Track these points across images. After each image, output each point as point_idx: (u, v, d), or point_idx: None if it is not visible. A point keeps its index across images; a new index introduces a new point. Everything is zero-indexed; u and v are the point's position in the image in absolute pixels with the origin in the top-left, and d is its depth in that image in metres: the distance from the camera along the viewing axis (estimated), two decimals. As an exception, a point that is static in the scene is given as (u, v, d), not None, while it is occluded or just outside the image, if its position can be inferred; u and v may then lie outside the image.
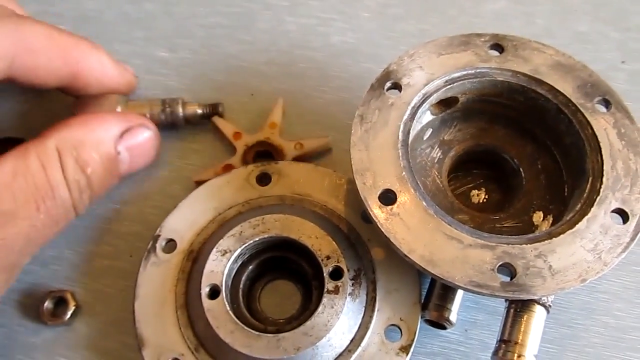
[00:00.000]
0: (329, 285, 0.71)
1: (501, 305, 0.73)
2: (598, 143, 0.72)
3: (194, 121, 0.89)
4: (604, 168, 0.71)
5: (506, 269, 0.65)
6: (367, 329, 0.72)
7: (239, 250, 0.74)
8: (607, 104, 0.75)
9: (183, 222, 0.79)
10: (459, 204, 0.78)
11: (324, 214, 0.78)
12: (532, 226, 0.76)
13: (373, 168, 0.70)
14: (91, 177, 0.72)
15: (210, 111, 0.90)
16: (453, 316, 0.72)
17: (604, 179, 0.70)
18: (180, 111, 0.87)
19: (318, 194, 0.79)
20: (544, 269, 0.65)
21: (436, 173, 0.80)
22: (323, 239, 0.74)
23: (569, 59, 0.78)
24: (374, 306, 0.73)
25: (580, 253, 0.66)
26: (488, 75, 0.77)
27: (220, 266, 0.73)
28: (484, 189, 0.83)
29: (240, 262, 0.76)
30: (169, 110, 0.86)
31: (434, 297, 0.73)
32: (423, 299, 0.74)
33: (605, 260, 0.66)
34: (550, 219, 0.75)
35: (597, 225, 0.67)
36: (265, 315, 0.78)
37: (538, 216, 0.76)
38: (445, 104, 0.80)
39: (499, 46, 0.78)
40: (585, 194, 0.70)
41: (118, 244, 0.84)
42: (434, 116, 0.81)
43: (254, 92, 0.94)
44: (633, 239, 0.67)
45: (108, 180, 0.76)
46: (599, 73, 0.77)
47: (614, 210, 0.68)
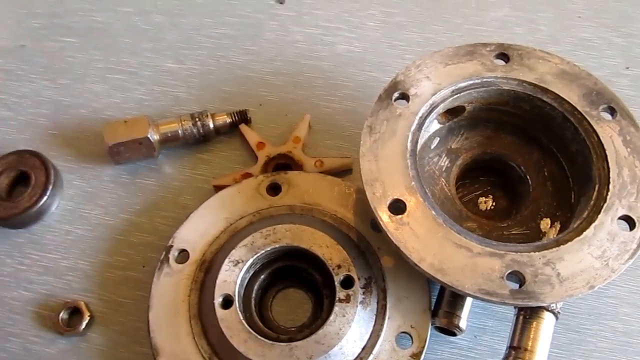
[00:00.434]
0: (341, 294, 0.72)
1: (510, 312, 0.74)
2: (604, 151, 0.73)
3: (223, 131, 0.91)
4: (610, 175, 0.72)
5: (515, 277, 0.66)
6: (379, 336, 0.73)
7: (251, 260, 0.75)
8: (613, 111, 0.76)
9: (195, 233, 0.80)
10: (467, 211, 0.79)
11: (333, 223, 0.79)
12: (540, 233, 0.77)
13: (382, 178, 0.71)
14: None
15: (238, 118, 0.91)
16: (463, 323, 0.73)
17: (611, 186, 0.71)
18: (211, 123, 0.89)
19: (327, 203, 0.80)
20: (552, 276, 0.66)
21: (444, 181, 0.81)
22: (333, 248, 0.75)
23: (573, 67, 0.79)
24: (384, 314, 0.74)
25: (588, 260, 0.67)
26: (494, 85, 0.78)
27: (232, 276, 0.74)
28: (491, 196, 0.84)
29: (252, 272, 0.77)
30: (200, 124, 0.88)
31: (443, 304, 0.74)
32: (433, 306, 0.75)
33: (613, 267, 0.67)
34: (557, 226, 0.76)
35: (604, 233, 0.68)
36: (277, 323, 0.79)
37: (545, 223, 0.77)
38: (452, 112, 0.81)
39: (504, 55, 0.79)
40: (592, 201, 0.71)
41: (131, 255, 0.86)
42: (441, 125, 0.82)
43: (262, 102, 0.95)
44: (640, 245, 0.68)
45: None
46: (603, 79, 0.78)
47: (621, 217, 0.69)
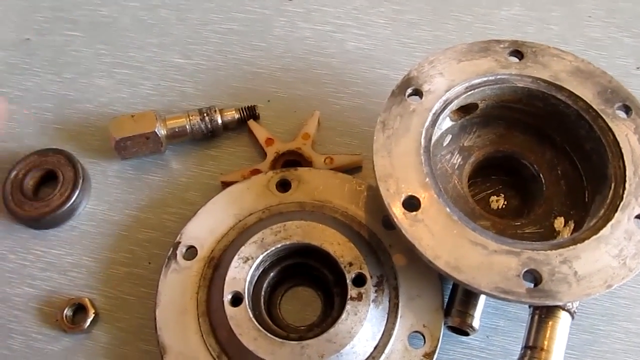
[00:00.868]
0: (352, 292, 0.71)
1: (523, 312, 0.73)
2: (620, 149, 0.72)
3: (231, 127, 0.89)
4: (627, 174, 0.71)
5: (531, 275, 0.65)
6: (391, 335, 0.72)
7: (261, 257, 0.73)
8: (628, 109, 0.75)
9: (203, 229, 0.78)
10: (480, 210, 0.78)
11: (344, 220, 0.78)
12: (554, 232, 0.76)
13: (396, 174, 0.70)
14: None
15: (247, 114, 0.90)
16: (476, 322, 0.72)
17: (627, 185, 0.70)
18: (219, 118, 0.87)
19: (338, 201, 0.79)
20: (569, 274, 0.65)
21: (456, 179, 0.80)
22: (345, 245, 0.74)
23: (588, 65, 0.78)
24: (396, 313, 0.73)
25: (605, 259, 0.66)
26: (508, 82, 0.77)
27: (242, 273, 0.72)
28: (502, 195, 0.83)
29: (262, 269, 0.76)
30: (208, 119, 0.87)
31: (456, 303, 0.73)
32: (445, 305, 0.74)
33: (630, 266, 0.66)
34: (571, 225, 0.75)
35: (621, 231, 0.67)
36: (286, 322, 0.78)
37: (559, 222, 0.76)
38: (465, 110, 0.80)
39: (518, 52, 0.79)
40: (608, 200, 0.71)
41: (136, 251, 0.84)
42: (453, 122, 0.81)
43: (270, 99, 0.94)
44: (657, 245, 0.67)
45: None
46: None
47: (637, 216, 0.69)
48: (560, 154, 0.80)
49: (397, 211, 0.68)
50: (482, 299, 0.73)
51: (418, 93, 0.75)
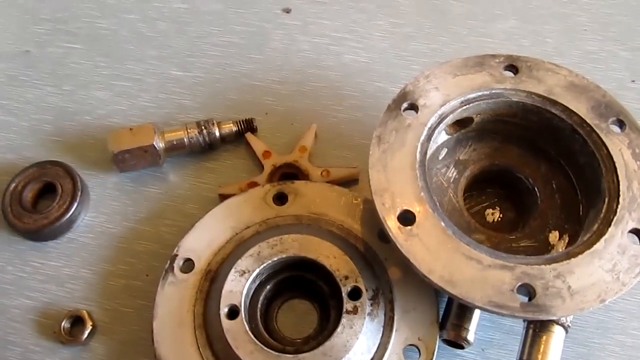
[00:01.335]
0: (348, 305, 0.72)
1: (518, 325, 0.73)
2: (614, 163, 0.73)
3: (228, 139, 0.90)
4: (620, 188, 0.71)
5: (525, 290, 0.66)
6: (386, 349, 0.72)
7: (258, 270, 0.74)
8: (621, 124, 0.76)
9: (200, 242, 0.79)
10: (475, 223, 0.78)
11: (340, 233, 0.78)
12: (548, 246, 0.76)
13: (391, 189, 0.71)
14: None
15: (244, 127, 0.90)
16: (471, 335, 0.72)
17: (621, 199, 0.71)
18: (217, 131, 0.88)
19: (334, 214, 0.80)
20: (563, 289, 0.65)
21: (452, 192, 0.80)
22: (341, 258, 0.74)
23: (582, 79, 0.79)
24: (392, 326, 0.73)
25: (598, 273, 0.66)
26: (503, 96, 0.78)
27: (239, 286, 0.73)
28: (498, 208, 0.83)
29: (258, 282, 0.76)
30: (205, 132, 0.87)
31: (451, 317, 0.73)
32: (440, 319, 0.74)
33: (624, 281, 0.66)
34: (566, 239, 0.76)
35: (615, 246, 0.68)
36: (282, 334, 0.78)
37: (554, 236, 0.77)
38: (460, 124, 0.81)
39: (513, 67, 0.79)
40: (601, 214, 0.71)
41: (134, 263, 0.85)
42: (449, 136, 0.82)
43: (268, 111, 0.94)
44: (651, 259, 0.67)
45: None
46: (609, 92, 0.78)
47: (631, 231, 0.69)
48: (555, 167, 0.81)
49: (392, 225, 0.69)
50: (477, 312, 0.73)
51: (414, 107, 0.76)
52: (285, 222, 0.79)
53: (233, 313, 0.72)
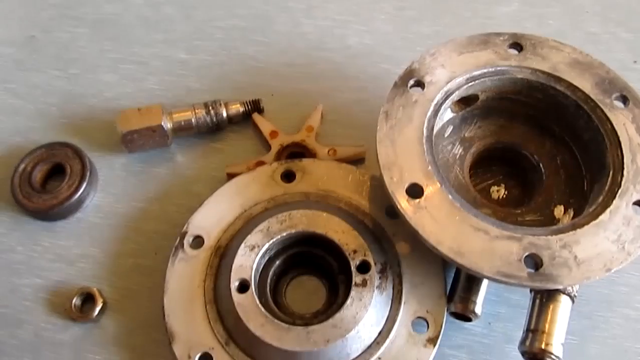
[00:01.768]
0: (357, 278, 0.73)
1: (524, 299, 0.74)
2: (618, 138, 0.74)
3: (235, 120, 0.91)
4: (624, 161, 0.72)
5: (532, 260, 0.67)
6: (395, 321, 0.73)
7: (267, 245, 0.75)
8: (625, 100, 0.77)
9: (209, 219, 0.80)
10: (482, 198, 0.79)
11: (348, 209, 0.79)
12: (554, 220, 0.77)
13: (399, 163, 0.72)
14: None
15: (251, 108, 0.91)
16: (478, 308, 0.73)
17: (625, 172, 0.72)
18: (224, 112, 0.89)
19: (342, 190, 0.81)
20: (569, 259, 0.66)
21: (458, 169, 0.81)
22: (349, 233, 0.75)
23: (586, 56, 0.80)
24: (400, 299, 0.74)
25: (604, 244, 0.67)
26: (508, 73, 0.79)
27: (249, 261, 0.74)
28: (503, 185, 0.84)
29: (268, 257, 0.77)
30: (213, 113, 0.88)
31: (459, 290, 0.74)
32: (448, 292, 0.75)
33: (629, 251, 0.67)
34: (571, 213, 0.77)
35: (620, 217, 0.69)
36: (292, 310, 0.79)
37: (559, 210, 0.78)
38: (466, 101, 0.82)
39: (517, 45, 0.80)
40: (606, 187, 0.72)
41: (143, 242, 0.85)
42: (455, 114, 0.83)
43: (274, 93, 0.95)
44: (655, 230, 0.68)
45: None
46: (612, 71, 0.79)
47: (636, 202, 0.70)
48: (559, 144, 0.82)
49: (401, 199, 0.70)
50: (484, 285, 0.74)
51: (420, 84, 0.77)
52: (293, 199, 0.80)
53: (243, 287, 0.73)
